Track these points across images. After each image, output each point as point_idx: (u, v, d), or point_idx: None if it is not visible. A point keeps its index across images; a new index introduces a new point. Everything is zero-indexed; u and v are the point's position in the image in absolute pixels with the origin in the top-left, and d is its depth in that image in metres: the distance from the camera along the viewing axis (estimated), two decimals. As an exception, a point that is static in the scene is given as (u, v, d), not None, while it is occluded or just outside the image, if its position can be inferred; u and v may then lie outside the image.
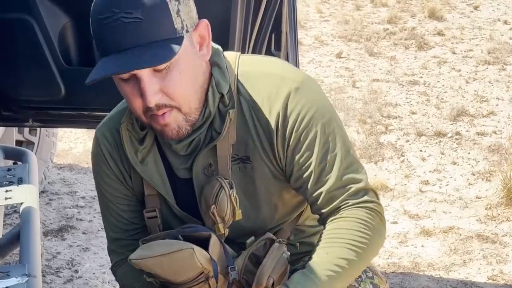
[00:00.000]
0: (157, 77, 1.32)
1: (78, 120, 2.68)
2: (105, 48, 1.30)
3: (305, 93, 1.41)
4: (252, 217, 1.49)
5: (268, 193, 1.47)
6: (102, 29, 1.30)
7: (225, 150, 1.42)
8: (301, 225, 1.59)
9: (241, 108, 1.43)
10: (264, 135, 1.42)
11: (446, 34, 6.94)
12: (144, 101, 1.32)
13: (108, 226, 1.60)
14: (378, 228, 1.43)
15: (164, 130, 1.37)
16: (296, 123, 1.40)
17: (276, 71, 1.45)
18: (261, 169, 1.44)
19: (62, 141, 4.64)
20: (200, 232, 1.43)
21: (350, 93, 5.56)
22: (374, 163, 4.30)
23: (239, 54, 1.50)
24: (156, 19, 1.28)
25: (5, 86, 2.54)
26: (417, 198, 3.86)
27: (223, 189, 1.41)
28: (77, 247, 3.38)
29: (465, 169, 4.19)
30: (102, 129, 1.54)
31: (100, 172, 1.55)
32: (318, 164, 1.42)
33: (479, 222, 3.56)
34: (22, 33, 2.39)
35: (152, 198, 1.50)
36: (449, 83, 5.70)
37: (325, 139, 1.41)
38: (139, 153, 1.47)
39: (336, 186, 1.42)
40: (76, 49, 2.49)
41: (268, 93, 1.41)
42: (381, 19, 7.59)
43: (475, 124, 4.85)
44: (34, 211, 2.15)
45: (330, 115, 1.44)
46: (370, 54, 6.45)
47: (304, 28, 7.38)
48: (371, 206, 1.43)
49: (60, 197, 3.90)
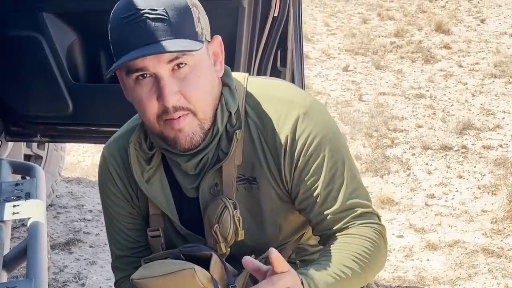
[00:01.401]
0: (176, 78, 1.33)
1: (85, 135, 2.71)
2: (128, 44, 1.30)
3: (313, 118, 1.44)
4: (257, 237, 1.50)
5: (273, 214, 1.49)
6: (125, 26, 1.31)
7: (231, 171, 1.44)
8: (303, 244, 1.62)
9: (249, 129, 1.45)
10: (271, 157, 1.44)
11: (453, 47, 6.95)
12: (162, 101, 1.33)
13: (113, 243, 1.62)
14: (380, 246, 1.46)
15: (178, 137, 1.38)
16: (304, 147, 1.43)
17: (284, 95, 1.48)
18: (267, 190, 1.47)
19: (70, 155, 4.68)
20: (202, 251, 1.45)
21: (356, 107, 5.57)
22: (380, 177, 4.31)
23: (247, 75, 1.52)
24: (180, 18, 1.31)
25: (14, 102, 2.58)
26: (423, 212, 3.87)
27: (227, 209, 1.43)
28: (84, 260, 3.40)
29: (471, 183, 4.19)
30: (110, 149, 1.56)
31: (106, 191, 1.57)
32: (324, 188, 1.44)
33: (485, 236, 3.56)
34: (31, 50, 2.43)
35: (156, 217, 1.52)
36: (456, 96, 5.71)
37: (332, 163, 1.44)
38: (145, 173, 1.49)
39: (341, 209, 1.44)
40: (84, 66, 2.53)
41: (277, 117, 1.44)
42: (388, 32, 7.62)
43: (481, 137, 4.85)
44: (41, 226, 2.18)
45: (337, 140, 1.47)
46: (376, 68, 6.47)
47: (311, 41, 7.41)
48: (375, 226, 1.46)
49: (67, 210, 3.93)
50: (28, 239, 2.10)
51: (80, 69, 2.52)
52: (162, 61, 1.32)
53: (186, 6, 1.33)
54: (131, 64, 1.32)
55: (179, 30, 1.31)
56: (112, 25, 1.35)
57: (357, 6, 9.24)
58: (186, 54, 1.32)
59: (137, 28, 1.30)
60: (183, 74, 1.34)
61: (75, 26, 2.46)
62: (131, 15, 1.30)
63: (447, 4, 9.01)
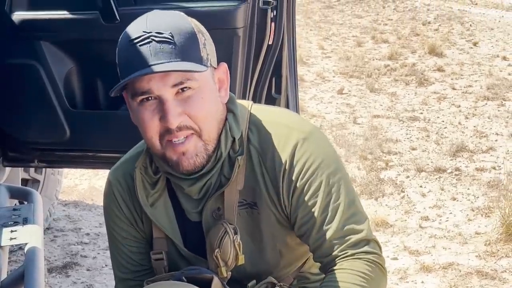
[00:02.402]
0: (179, 101, 1.36)
1: (82, 161, 2.73)
2: (134, 65, 1.33)
3: (312, 144, 1.46)
4: (257, 261, 1.52)
5: (272, 238, 1.51)
6: (132, 48, 1.34)
7: (232, 196, 1.46)
8: (305, 272, 1.63)
9: (250, 155, 1.47)
10: (270, 182, 1.46)
11: (446, 70, 7.03)
12: (166, 123, 1.35)
13: (116, 266, 1.63)
14: (377, 280, 1.45)
15: (181, 160, 1.40)
16: (302, 171, 1.45)
17: (285, 121, 1.51)
18: (267, 215, 1.48)
19: (67, 178, 4.70)
20: (203, 274, 1.47)
21: (351, 129, 5.62)
22: (374, 199, 4.34)
23: (251, 103, 1.55)
24: (185, 42, 1.34)
25: (12, 128, 2.60)
26: (417, 234, 3.89)
27: (227, 234, 1.45)
28: (82, 284, 3.41)
29: (465, 205, 4.22)
30: (115, 173, 1.58)
31: (111, 215, 1.59)
32: (321, 214, 1.45)
33: (479, 258, 3.58)
34: (29, 77, 2.46)
35: (159, 240, 1.54)
36: (449, 118, 5.76)
37: (329, 189, 1.45)
38: (150, 197, 1.51)
39: (336, 236, 1.44)
40: (81, 93, 2.56)
41: (277, 142, 1.46)
42: (382, 55, 7.70)
43: (474, 159, 4.90)
44: (38, 252, 2.20)
45: (335, 166, 1.48)
46: (371, 90, 6.54)
47: (306, 64, 7.48)
48: (371, 258, 1.45)
49: (65, 233, 3.94)
50: (25, 265, 2.12)
51: (77, 96, 2.55)
52: (167, 85, 1.34)
53: (192, 31, 1.36)
54: (136, 86, 1.36)
55: (184, 53, 1.34)
56: (119, 48, 1.38)
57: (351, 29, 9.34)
58: (190, 79, 1.35)
59: (143, 50, 1.33)
60: (186, 96, 1.36)
61: (72, 54, 2.50)
62: (138, 37, 1.33)
63: (440, 27, 9.11)
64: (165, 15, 1.38)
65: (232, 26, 2.27)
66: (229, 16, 2.26)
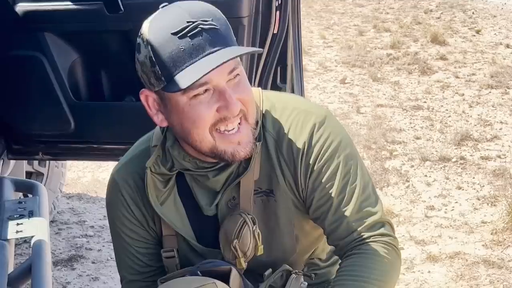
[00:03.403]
0: (232, 87, 1.34)
1: (87, 153, 2.72)
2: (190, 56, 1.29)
3: (328, 127, 1.46)
4: (274, 249, 1.51)
5: (290, 225, 1.50)
6: (181, 40, 1.29)
7: (248, 185, 1.45)
8: (314, 258, 1.63)
9: (266, 143, 1.46)
10: (287, 167, 1.45)
11: (449, 59, 7.00)
12: (228, 112, 1.33)
13: (124, 268, 1.61)
14: (394, 263, 1.45)
15: (237, 150, 1.37)
16: (320, 153, 1.44)
17: (300, 105, 1.50)
18: (284, 202, 1.47)
19: (71, 171, 4.69)
20: (220, 266, 1.46)
21: (354, 119, 5.60)
22: (379, 189, 4.33)
23: (261, 90, 1.53)
24: (225, 28, 1.33)
25: (16, 121, 2.59)
26: (423, 224, 3.88)
27: (247, 224, 1.44)
28: (87, 276, 3.40)
29: (470, 194, 4.21)
30: (121, 173, 1.55)
31: (119, 216, 1.55)
32: (338, 196, 1.45)
33: (485, 247, 3.57)
34: (33, 69, 2.44)
35: (170, 238, 1.52)
36: (453, 107, 5.74)
37: (346, 171, 1.45)
38: (161, 196, 1.49)
39: (353, 219, 1.44)
40: (85, 84, 2.54)
41: (294, 127, 1.45)
42: (384, 44, 7.67)
43: (479, 148, 4.88)
44: (44, 244, 2.19)
45: (351, 149, 1.48)
46: (373, 80, 6.51)
47: (308, 54, 7.46)
48: (387, 240, 1.45)
49: (69, 226, 3.94)
50: (32, 257, 2.11)
51: (82, 88, 2.54)
52: (224, 73, 1.32)
53: (223, 17, 1.35)
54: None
55: (228, 38, 1.32)
56: (161, 43, 1.30)
57: (353, 18, 9.30)
58: (239, 64, 1.35)
59: (197, 40, 1.29)
60: (237, 82, 1.35)
61: (76, 46, 2.48)
62: (185, 28, 1.29)
63: (442, 15, 9.07)
64: (195, 3, 1.36)
65: (237, 15, 2.25)
66: (234, 5, 2.24)
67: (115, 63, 2.44)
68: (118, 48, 2.40)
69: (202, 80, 1.29)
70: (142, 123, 1.60)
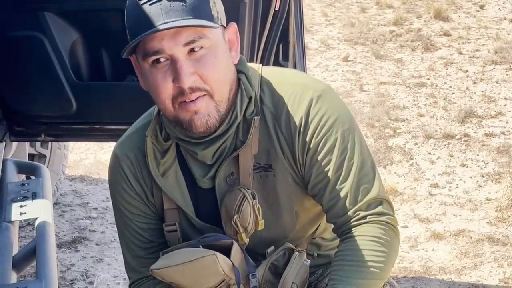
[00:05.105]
0: (192, 60, 1.33)
1: (89, 134, 2.70)
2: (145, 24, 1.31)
3: (327, 101, 1.44)
4: (273, 225, 1.50)
5: (289, 200, 1.49)
6: (141, 8, 1.31)
7: (248, 160, 1.44)
8: (317, 237, 1.62)
9: (264, 116, 1.45)
10: (285, 142, 1.44)
11: (453, 35, 6.94)
12: (178, 83, 1.33)
13: (126, 245, 1.60)
14: (391, 243, 1.44)
15: (193, 119, 1.37)
16: (317, 129, 1.43)
17: (298, 80, 1.48)
18: (283, 177, 1.46)
19: (73, 153, 4.68)
20: (222, 240, 1.45)
21: (357, 97, 5.57)
22: (383, 167, 4.32)
23: (261, 65, 1.53)
24: (196, 0, 1.32)
25: (18, 102, 2.57)
26: (427, 202, 3.87)
27: (246, 199, 1.43)
28: (91, 258, 3.41)
29: (474, 171, 4.19)
30: (122, 147, 1.55)
31: (120, 191, 1.55)
32: (335, 172, 1.43)
33: (490, 224, 3.57)
34: (33, 50, 2.42)
35: (171, 212, 1.52)
36: (457, 84, 5.70)
37: (343, 147, 1.43)
38: (161, 167, 1.48)
39: (351, 196, 1.43)
40: (87, 64, 2.52)
41: (291, 101, 1.44)
42: (387, 21, 7.60)
43: (483, 125, 4.85)
44: (49, 226, 2.19)
45: (350, 124, 1.46)
46: (376, 57, 6.46)
47: (310, 32, 7.40)
48: (384, 219, 1.44)
49: (72, 208, 3.94)
50: (36, 239, 2.11)
51: (83, 68, 2.51)
52: (179, 43, 1.32)
53: None
54: (148, 46, 1.32)
55: (195, 11, 1.31)
56: (128, 11, 1.36)
57: (355, -5, 9.21)
58: (202, 37, 1.33)
59: (153, 9, 1.30)
60: (199, 56, 1.34)
61: (76, 25, 2.45)
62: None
63: (445, -9, 8.98)
64: None
65: (238, -7, 2.22)
66: (235, -18, 2.21)
67: (117, 43, 2.40)
68: (119, 27, 2.36)
69: (155, 48, 1.32)
70: (144, 103, 1.59)
